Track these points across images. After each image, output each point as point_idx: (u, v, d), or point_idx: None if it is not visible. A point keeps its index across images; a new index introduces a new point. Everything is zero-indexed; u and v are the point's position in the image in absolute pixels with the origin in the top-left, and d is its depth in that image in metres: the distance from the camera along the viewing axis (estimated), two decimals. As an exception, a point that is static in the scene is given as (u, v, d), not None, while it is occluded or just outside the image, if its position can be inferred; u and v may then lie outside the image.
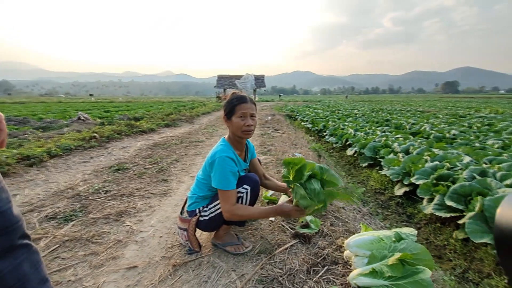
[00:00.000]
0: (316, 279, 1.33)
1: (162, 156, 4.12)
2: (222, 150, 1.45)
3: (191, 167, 3.60)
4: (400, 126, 7.50)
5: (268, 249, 1.58)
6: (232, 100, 1.49)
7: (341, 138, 5.73)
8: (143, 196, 2.56)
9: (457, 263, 1.95)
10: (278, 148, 4.48)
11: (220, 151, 1.45)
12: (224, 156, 1.41)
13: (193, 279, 1.37)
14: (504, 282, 1.64)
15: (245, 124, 1.45)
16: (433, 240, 2.29)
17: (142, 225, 2.00)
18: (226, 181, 1.40)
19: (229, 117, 1.49)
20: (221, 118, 1.58)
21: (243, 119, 1.46)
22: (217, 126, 8.20)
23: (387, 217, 2.79)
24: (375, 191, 3.43)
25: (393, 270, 1.14)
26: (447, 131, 5.86)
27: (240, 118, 1.45)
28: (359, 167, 4.43)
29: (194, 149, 4.78)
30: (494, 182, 2.33)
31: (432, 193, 2.59)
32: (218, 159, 1.41)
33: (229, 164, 1.42)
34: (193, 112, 12.09)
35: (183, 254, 1.59)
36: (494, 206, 1.93)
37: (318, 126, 7.83)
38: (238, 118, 1.46)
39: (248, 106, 1.47)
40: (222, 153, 1.43)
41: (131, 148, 4.77)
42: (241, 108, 1.46)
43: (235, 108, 1.46)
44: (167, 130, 7.34)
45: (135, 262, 1.54)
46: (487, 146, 4.31)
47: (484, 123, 7.65)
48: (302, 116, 10.95)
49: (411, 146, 4.13)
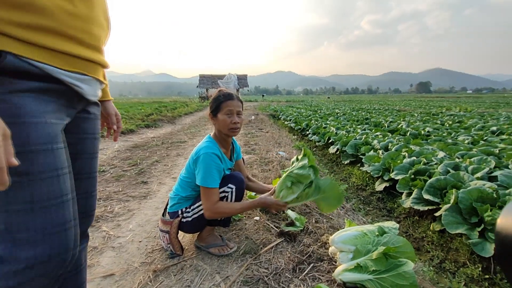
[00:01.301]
0: (302, 277, 1.31)
1: (142, 158, 3.96)
2: (207, 147, 1.41)
3: (173, 168, 3.49)
4: (379, 124, 7.78)
5: (253, 249, 1.55)
6: (218, 97, 1.46)
7: (323, 137, 5.82)
8: (121, 199, 2.43)
9: (434, 254, 2.03)
10: (262, 147, 4.47)
11: (205, 147, 1.40)
12: (210, 153, 1.37)
13: (175, 284, 1.31)
14: (478, 270, 1.73)
15: (231, 121, 1.42)
16: (412, 232, 2.37)
17: (119, 230, 1.89)
18: (211, 178, 1.35)
19: (215, 114, 1.46)
20: (205, 117, 1.54)
21: (230, 116, 1.43)
22: (200, 126, 8.06)
23: (369, 212, 2.86)
24: (357, 187, 3.51)
25: (377, 264, 1.15)
26: (422, 129, 6.15)
27: (226, 115, 1.42)
28: (341, 164, 4.53)
29: (176, 149, 4.65)
30: (467, 175, 2.45)
31: (410, 187, 2.69)
32: (203, 155, 1.37)
33: (214, 160, 1.38)
34: (175, 112, 11.79)
35: (164, 259, 1.52)
36: (467, 198, 2.03)
37: (301, 125, 7.92)
38: (224, 115, 1.42)
39: (234, 103, 1.44)
40: (207, 149, 1.39)
41: (108, 150, 4.54)
42: (228, 105, 1.43)
43: (221, 105, 1.43)
44: (148, 131, 7.10)
45: (112, 270, 1.44)
46: (459, 142, 4.57)
47: (455, 120, 8.14)
48: (285, 115, 11.04)
49: (390, 143, 4.28)
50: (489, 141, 4.52)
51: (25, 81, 0.63)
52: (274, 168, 3.11)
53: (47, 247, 0.66)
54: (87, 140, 0.88)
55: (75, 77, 0.73)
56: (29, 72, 0.63)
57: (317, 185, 1.41)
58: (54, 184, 0.67)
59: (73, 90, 0.73)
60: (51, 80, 0.67)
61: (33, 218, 0.64)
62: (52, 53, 0.66)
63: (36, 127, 0.63)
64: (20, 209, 0.63)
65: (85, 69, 0.75)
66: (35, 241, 0.64)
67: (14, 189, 0.61)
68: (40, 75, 0.65)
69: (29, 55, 0.62)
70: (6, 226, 0.63)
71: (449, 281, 1.69)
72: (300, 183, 1.40)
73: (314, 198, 1.42)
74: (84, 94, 0.76)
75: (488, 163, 2.89)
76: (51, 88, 0.68)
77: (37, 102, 0.65)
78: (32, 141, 0.62)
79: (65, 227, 0.69)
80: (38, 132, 0.64)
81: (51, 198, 0.66)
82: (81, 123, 0.85)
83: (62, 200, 0.69)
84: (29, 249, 0.64)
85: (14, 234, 0.63)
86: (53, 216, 0.67)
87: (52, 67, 0.67)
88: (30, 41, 0.62)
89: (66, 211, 0.70)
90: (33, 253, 0.64)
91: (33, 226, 0.64)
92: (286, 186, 1.41)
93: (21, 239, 0.63)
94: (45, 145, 0.65)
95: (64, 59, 0.69)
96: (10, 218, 0.63)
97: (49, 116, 0.67)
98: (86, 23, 0.72)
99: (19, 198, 0.62)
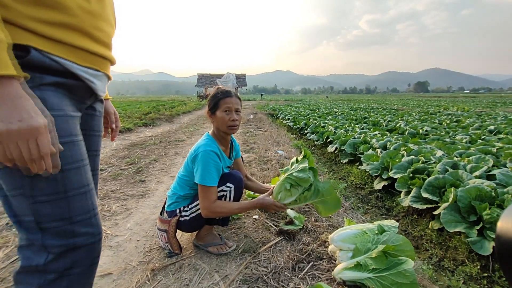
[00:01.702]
0: (301, 276, 1.31)
1: (140, 156, 3.93)
2: (206, 144, 1.39)
3: (171, 167, 3.47)
4: (377, 123, 7.79)
5: (252, 248, 1.54)
6: (216, 94, 1.44)
7: (322, 136, 5.82)
8: (118, 198, 2.41)
9: (433, 252, 2.03)
10: (260, 146, 4.46)
11: (204, 145, 1.39)
12: (209, 150, 1.36)
13: (173, 283, 1.30)
14: (477, 268, 1.73)
15: (230, 118, 1.40)
16: (410, 231, 2.37)
17: (117, 229, 1.87)
18: (209, 176, 1.33)
19: (213, 111, 1.44)
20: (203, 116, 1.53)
21: (228, 113, 1.41)
22: (198, 125, 8.03)
23: (368, 211, 2.86)
24: (355, 186, 3.51)
25: (377, 263, 1.14)
26: (420, 128, 6.16)
27: (225, 113, 1.41)
28: (340, 163, 4.52)
29: (174, 148, 4.62)
30: (465, 174, 2.46)
31: (409, 186, 2.69)
32: (202, 153, 1.35)
33: (213, 158, 1.36)
34: (173, 111, 11.73)
35: (162, 258, 1.50)
36: (466, 196, 2.03)
37: (300, 124, 7.91)
38: (222, 112, 1.41)
39: (233, 100, 1.42)
40: (206, 147, 1.37)
41: (105, 148, 4.51)
42: (226, 102, 1.41)
43: (219, 103, 1.41)
44: (146, 129, 7.06)
45: (110, 269, 1.43)
46: (457, 141, 4.58)
47: (452, 120, 8.17)
48: (284, 114, 11.03)
49: (388, 142, 4.28)
50: (487, 140, 4.53)
51: (46, 75, 0.65)
52: (273, 167, 3.10)
53: (80, 233, 0.70)
54: (93, 137, 0.90)
55: (90, 73, 0.75)
56: (50, 67, 0.65)
57: (316, 188, 1.39)
58: (79, 175, 0.71)
59: (86, 85, 0.76)
60: (69, 75, 0.70)
61: (61, 208, 0.67)
62: (71, 49, 0.69)
63: (60, 120, 0.66)
64: (49, 199, 0.66)
65: (99, 65, 0.78)
66: (66, 230, 0.68)
67: (42, 181, 0.64)
68: (59, 70, 0.67)
69: (51, 50, 0.65)
70: (35, 218, 0.66)
71: (448, 279, 1.69)
72: (299, 186, 1.39)
73: (313, 201, 1.41)
74: (96, 89, 0.79)
75: (486, 162, 2.90)
76: (68, 83, 0.70)
77: (57, 96, 0.67)
78: (59, 134, 0.65)
79: (93, 213, 0.74)
80: (62, 124, 0.66)
81: (78, 187, 0.70)
82: (88, 120, 0.86)
83: (87, 189, 0.73)
84: (59, 237, 0.67)
85: (42, 224, 0.66)
86: (82, 204, 0.71)
87: (71, 62, 0.69)
88: (52, 37, 0.64)
89: (90, 200, 0.74)
90: (65, 241, 0.68)
91: (63, 214, 0.67)
92: (285, 188, 1.40)
93: (50, 228, 0.66)
94: (69, 137, 0.69)
95: (81, 55, 0.71)
96: (38, 209, 0.65)
97: (69, 109, 0.70)
98: (99, 21, 0.75)
99: (46, 189, 0.65)
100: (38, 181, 0.63)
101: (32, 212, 0.65)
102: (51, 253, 0.67)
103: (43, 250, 0.67)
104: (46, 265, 0.67)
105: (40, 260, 0.66)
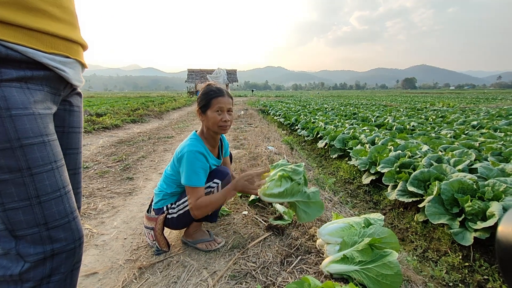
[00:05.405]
0: (289, 270, 1.32)
1: (127, 153, 3.85)
2: (192, 145, 1.35)
3: (160, 163, 3.42)
4: (366, 119, 7.92)
5: (241, 244, 1.54)
6: (208, 92, 1.38)
7: (312, 131, 5.86)
8: (105, 196, 2.35)
9: (418, 244, 2.09)
10: (251, 142, 4.44)
11: (189, 145, 1.35)
12: (194, 151, 1.32)
13: (161, 281, 1.28)
14: (458, 258, 1.79)
15: (222, 119, 1.36)
16: (397, 224, 2.44)
17: (103, 227, 1.83)
18: (195, 177, 1.31)
19: (204, 110, 1.38)
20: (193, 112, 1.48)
21: (220, 114, 1.36)
22: (188, 122, 7.93)
23: (356, 205, 2.91)
24: (344, 181, 3.57)
25: (363, 255, 1.17)
26: (407, 123, 6.31)
27: (216, 113, 1.36)
28: (329, 158, 4.58)
29: (163, 145, 4.55)
30: (449, 167, 2.53)
31: (396, 180, 2.75)
32: (187, 153, 1.32)
33: (199, 159, 1.33)
34: (163, 107, 11.53)
35: (150, 256, 1.48)
36: (449, 189, 2.10)
37: (290, 120, 7.95)
38: (214, 112, 1.36)
39: (225, 100, 1.37)
40: (191, 147, 1.34)
41: (92, 145, 4.39)
42: (218, 101, 1.36)
43: (211, 102, 1.36)
44: (134, 126, 6.91)
45: (95, 268, 1.40)
46: (442, 136, 4.72)
47: (438, 115, 8.39)
48: (275, 110, 11.04)
49: (377, 137, 4.36)
50: (470, 135, 4.69)
51: (5, 69, 0.57)
52: (263, 163, 3.10)
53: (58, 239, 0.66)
54: (73, 134, 0.84)
55: (59, 60, 0.68)
56: (7, 57, 0.57)
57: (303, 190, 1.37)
58: (52, 177, 0.65)
59: (57, 75, 0.68)
60: (34, 66, 0.62)
61: (34, 214, 0.62)
62: (26, 31, 0.59)
63: (25, 120, 0.59)
64: (20, 206, 0.61)
65: (67, 51, 0.70)
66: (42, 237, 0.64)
67: (11, 187, 0.59)
68: (22, 60, 0.59)
69: (3, 36, 0.55)
70: (7, 226, 0.61)
71: (431, 269, 1.75)
72: (290, 179, 1.35)
73: (296, 199, 1.37)
74: (68, 78, 0.72)
75: (469, 156, 3.00)
76: (36, 75, 0.63)
77: (23, 93, 0.60)
78: (22, 135, 0.59)
79: (72, 217, 0.69)
80: (28, 125, 0.60)
81: (52, 191, 0.65)
82: (66, 116, 0.81)
83: (62, 192, 0.67)
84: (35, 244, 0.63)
85: (16, 232, 0.62)
86: (58, 209, 0.66)
87: (33, 49, 0.61)
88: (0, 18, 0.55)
89: (68, 203, 0.69)
90: (42, 249, 0.64)
91: (38, 220, 0.63)
92: (277, 177, 1.34)
93: (25, 236, 0.62)
94: (38, 138, 0.62)
95: (41, 39, 0.63)
96: (10, 216, 0.60)
97: (37, 106, 0.63)
98: None
99: (15, 195, 0.60)
100: (7, 187, 0.58)
101: (3, 220, 0.61)
102: (27, 262, 0.63)
103: (19, 258, 0.63)
104: (22, 274, 0.63)
105: (16, 269, 0.63)
